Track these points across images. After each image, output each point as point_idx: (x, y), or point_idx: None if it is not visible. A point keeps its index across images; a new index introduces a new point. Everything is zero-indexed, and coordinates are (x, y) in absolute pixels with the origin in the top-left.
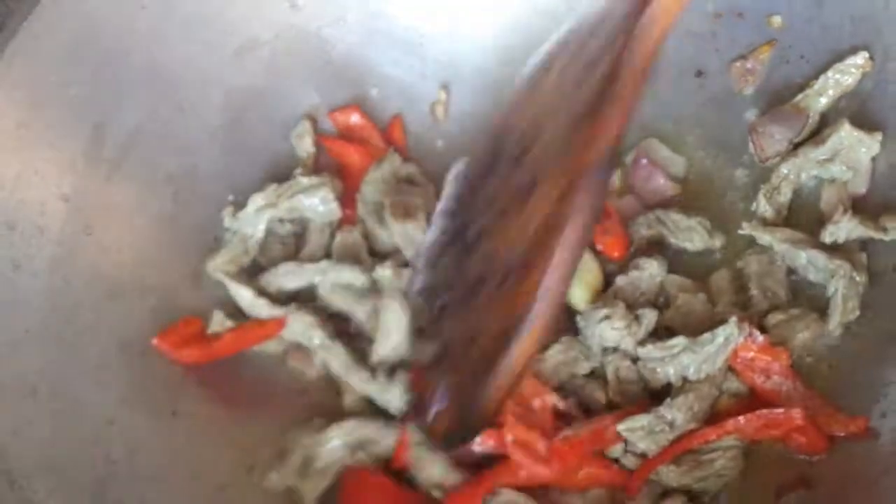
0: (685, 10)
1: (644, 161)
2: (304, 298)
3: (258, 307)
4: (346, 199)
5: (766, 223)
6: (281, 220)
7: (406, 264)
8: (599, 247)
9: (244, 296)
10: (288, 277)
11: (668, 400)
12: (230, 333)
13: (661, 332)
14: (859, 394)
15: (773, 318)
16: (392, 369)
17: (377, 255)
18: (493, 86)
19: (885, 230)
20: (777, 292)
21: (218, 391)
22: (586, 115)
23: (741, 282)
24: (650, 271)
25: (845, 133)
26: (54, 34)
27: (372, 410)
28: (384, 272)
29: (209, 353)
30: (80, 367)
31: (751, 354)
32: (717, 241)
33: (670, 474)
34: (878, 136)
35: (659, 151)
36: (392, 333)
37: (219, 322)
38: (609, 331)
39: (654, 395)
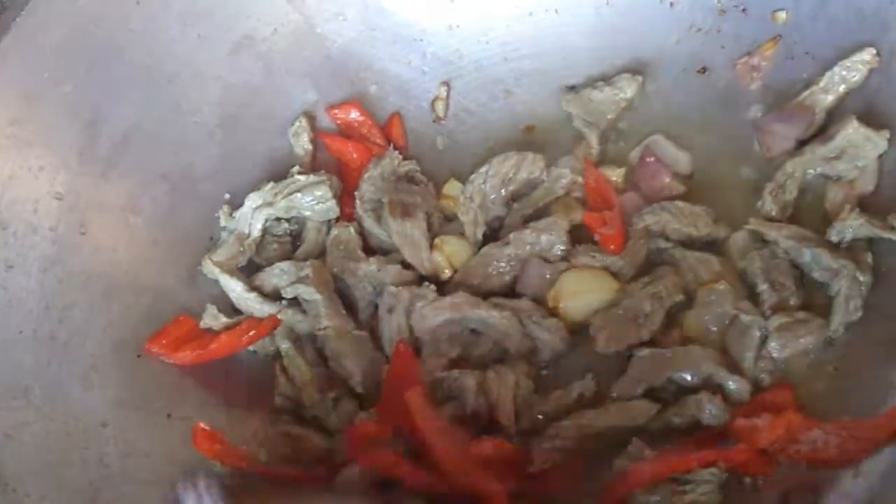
0: (690, 6)
1: (651, 159)
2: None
3: (248, 301)
4: (345, 196)
5: (771, 221)
6: (278, 219)
7: (403, 263)
8: (597, 237)
9: (234, 288)
10: (283, 277)
11: None
12: (225, 334)
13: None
14: (864, 396)
15: (777, 321)
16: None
17: (373, 253)
18: (493, 83)
19: (892, 229)
20: (785, 283)
21: (213, 393)
22: None
23: (746, 281)
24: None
25: (853, 130)
26: (48, 30)
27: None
28: (369, 268)
29: (205, 355)
30: (73, 368)
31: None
32: (722, 231)
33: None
34: (886, 134)
35: (665, 148)
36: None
37: (211, 316)
38: None
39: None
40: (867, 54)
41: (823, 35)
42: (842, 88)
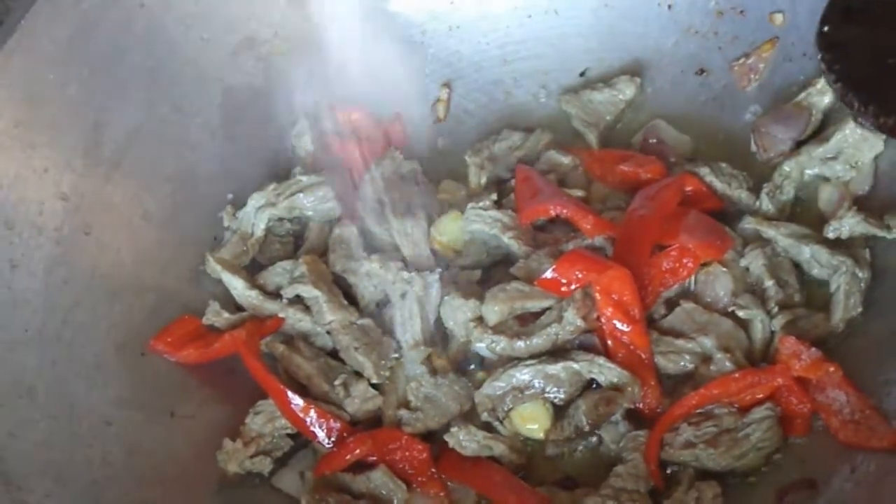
0: (688, 8)
1: (653, 140)
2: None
3: (250, 298)
4: (346, 196)
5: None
6: (280, 219)
7: (404, 261)
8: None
9: (236, 286)
10: (285, 276)
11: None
12: (229, 334)
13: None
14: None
15: (782, 319)
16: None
17: (375, 252)
18: (493, 84)
19: (888, 228)
20: (788, 281)
21: (216, 392)
22: None
23: (747, 280)
24: None
25: (849, 131)
26: (52, 32)
27: None
28: (371, 265)
29: (208, 354)
30: (77, 367)
31: (803, 367)
32: (753, 200)
33: (710, 457)
34: (882, 135)
35: (667, 131)
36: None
37: (214, 312)
38: None
39: None
40: None
41: None
42: None
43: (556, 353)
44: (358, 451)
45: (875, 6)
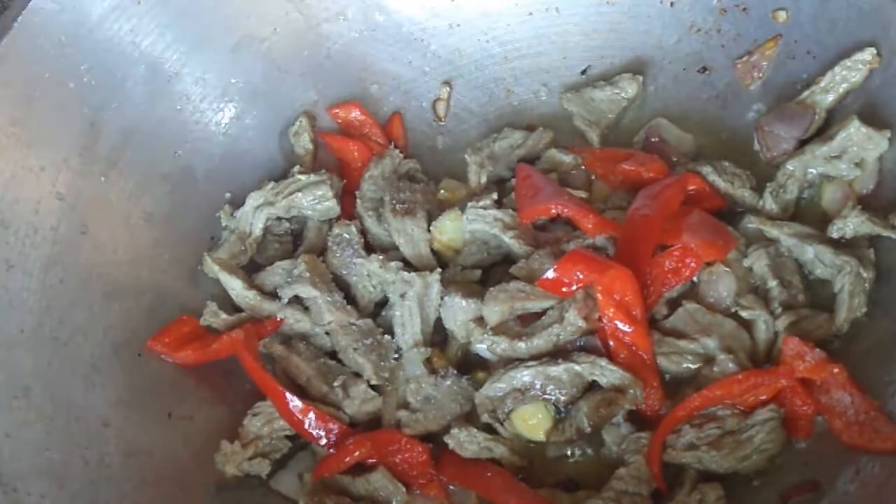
0: (690, 5)
1: (655, 139)
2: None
3: (248, 298)
4: (345, 195)
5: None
6: (279, 219)
7: (403, 260)
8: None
9: (234, 286)
10: (284, 276)
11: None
12: (227, 335)
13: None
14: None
15: (786, 320)
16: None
17: (374, 251)
18: (494, 82)
19: (893, 227)
20: (792, 281)
21: (214, 393)
22: None
23: (750, 280)
24: None
25: (854, 130)
26: (49, 30)
27: None
28: (371, 265)
29: (206, 355)
30: (74, 367)
31: (807, 368)
32: (757, 200)
33: (712, 459)
34: (887, 133)
35: (668, 130)
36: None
37: (212, 313)
38: None
39: None
40: (868, 54)
41: (824, 34)
42: (843, 88)
43: (558, 354)
44: (357, 452)
45: None
